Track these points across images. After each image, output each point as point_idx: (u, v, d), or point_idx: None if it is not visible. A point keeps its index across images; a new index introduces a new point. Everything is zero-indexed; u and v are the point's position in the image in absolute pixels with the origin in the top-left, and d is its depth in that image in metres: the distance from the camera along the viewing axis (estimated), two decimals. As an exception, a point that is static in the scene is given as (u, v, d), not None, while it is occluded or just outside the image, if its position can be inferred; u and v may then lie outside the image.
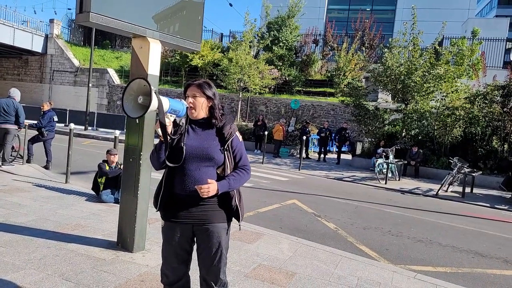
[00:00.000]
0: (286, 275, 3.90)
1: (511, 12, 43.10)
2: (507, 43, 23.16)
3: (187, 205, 2.33)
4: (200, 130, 2.38)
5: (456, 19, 31.02)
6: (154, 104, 2.05)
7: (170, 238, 2.38)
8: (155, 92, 2.05)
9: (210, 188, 2.20)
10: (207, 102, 2.38)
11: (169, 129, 2.24)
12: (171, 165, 2.28)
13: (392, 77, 14.63)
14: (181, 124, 2.33)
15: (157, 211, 2.42)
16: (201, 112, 2.38)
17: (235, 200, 2.40)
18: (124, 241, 4.14)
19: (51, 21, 26.97)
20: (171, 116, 2.21)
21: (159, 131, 2.20)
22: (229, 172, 2.35)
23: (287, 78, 23.01)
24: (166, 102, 2.13)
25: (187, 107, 2.30)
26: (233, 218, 2.46)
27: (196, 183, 2.26)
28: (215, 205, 2.35)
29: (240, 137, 2.46)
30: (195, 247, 2.45)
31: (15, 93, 8.52)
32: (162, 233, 2.45)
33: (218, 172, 2.35)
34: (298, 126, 18.81)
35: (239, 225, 2.54)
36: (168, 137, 2.23)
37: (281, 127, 16.31)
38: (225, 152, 2.35)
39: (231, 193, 2.37)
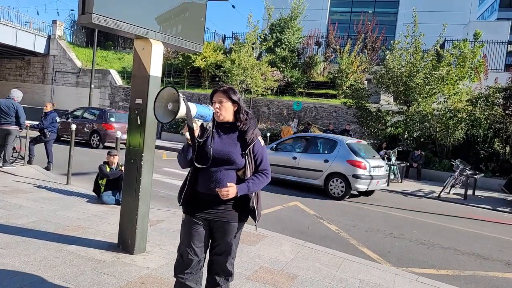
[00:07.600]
0: (288, 277, 3.88)
1: (513, 14, 43.02)
2: (509, 45, 23.12)
3: (207, 203, 2.50)
4: (224, 134, 2.54)
5: (458, 22, 31.01)
6: (182, 110, 2.23)
7: (188, 231, 2.52)
8: (183, 99, 2.21)
9: (230, 191, 2.37)
10: (233, 106, 2.54)
11: (197, 132, 2.39)
12: (199, 166, 2.45)
13: (394, 79, 14.61)
14: (207, 128, 2.50)
15: (180, 205, 2.60)
16: (228, 116, 2.53)
17: (253, 202, 2.55)
18: (125, 243, 4.12)
19: (54, 22, 26.93)
20: (198, 120, 2.37)
21: (187, 134, 2.37)
22: (249, 175, 2.50)
23: (289, 80, 22.95)
24: (193, 108, 2.30)
25: (213, 112, 2.45)
26: (250, 217, 2.61)
27: (216, 184, 2.43)
28: (233, 205, 2.50)
29: (262, 142, 2.61)
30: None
31: (16, 94, 8.49)
32: (182, 226, 2.59)
33: (239, 174, 2.50)
34: (301, 127, 18.81)
35: (255, 225, 2.70)
36: (196, 140, 2.39)
37: (289, 129, 17.35)
38: (246, 156, 2.48)
39: (249, 195, 2.51)
